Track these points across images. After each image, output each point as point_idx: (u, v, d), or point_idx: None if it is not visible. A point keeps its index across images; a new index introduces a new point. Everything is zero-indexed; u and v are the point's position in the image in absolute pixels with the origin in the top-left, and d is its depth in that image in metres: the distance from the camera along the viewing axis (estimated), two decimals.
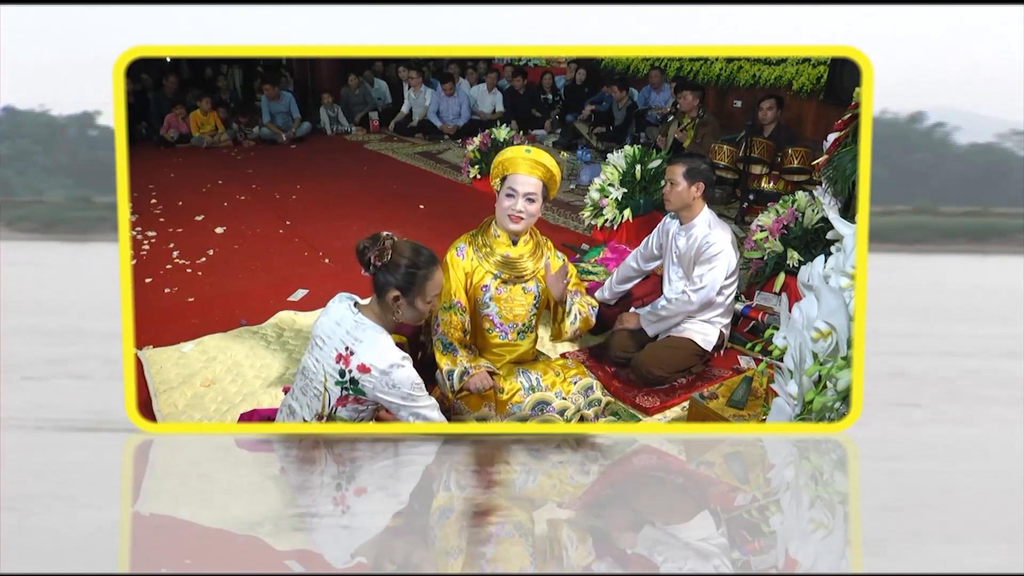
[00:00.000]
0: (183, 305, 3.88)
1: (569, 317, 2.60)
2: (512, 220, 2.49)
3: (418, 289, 2.11)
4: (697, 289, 2.97)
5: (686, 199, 3.02)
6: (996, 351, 3.31)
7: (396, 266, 2.09)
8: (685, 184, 2.99)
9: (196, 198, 5.89)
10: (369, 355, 2.06)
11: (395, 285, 2.09)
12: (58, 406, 2.50)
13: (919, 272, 5.62)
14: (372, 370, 2.05)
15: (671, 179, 3.02)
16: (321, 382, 2.11)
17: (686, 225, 3.08)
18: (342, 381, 2.08)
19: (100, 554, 1.48)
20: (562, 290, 2.55)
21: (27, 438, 2.19)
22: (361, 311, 2.13)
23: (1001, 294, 4.64)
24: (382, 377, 2.05)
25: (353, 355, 2.06)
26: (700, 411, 2.69)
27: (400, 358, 2.08)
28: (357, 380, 2.06)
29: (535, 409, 2.59)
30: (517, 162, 2.47)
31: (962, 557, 1.49)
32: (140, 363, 3.22)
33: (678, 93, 5.94)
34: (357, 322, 2.10)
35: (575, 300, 2.61)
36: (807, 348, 1.96)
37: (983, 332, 3.64)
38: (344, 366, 2.07)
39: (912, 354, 3.19)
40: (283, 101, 8.12)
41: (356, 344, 2.07)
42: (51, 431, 2.25)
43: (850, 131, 3.11)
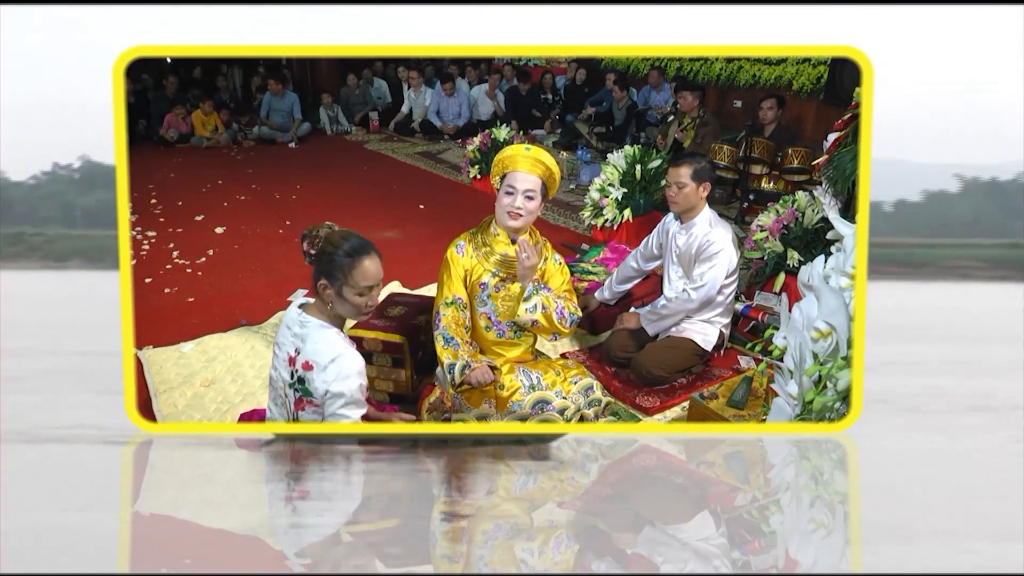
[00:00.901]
0: (183, 305, 3.88)
1: (527, 303, 2.53)
2: (511, 217, 2.49)
3: (344, 278, 2.03)
4: (698, 287, 2.96)
5: (694, 200, 3.00)
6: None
7: (324, 254, 2.04)
8: (693, 185, 2.97)
9: (196, 198, 5.89)
10: (311, 351, 2.00)
11: (321, 272, 2.04)
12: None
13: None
14: (315, 367, 1.99)
15: (677, 181, 2.99)
16: (282, 388, 2.08)
17: (686, 224, 3.07)
18: (293, 383, 2.04)
19: (100, 554, 1.48)
20: (526, 279, 2.53)
21: (27, 437, 2.19)
22: (306, 310, 2.08)
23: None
24: (324, 372, 1.99)
25: (299, 355, 2.02)
26: (700, 411, 2.69)
27: (343, 348, 2.01)
28: (304, 379, 2.01)
29: (535, 408, 2.59)
30: (517, 160, 2.47)
31: (962, 557, 1.49)
32: (140, 363, 3.22)
33: (678, 93, 5.94)
34: (302, 321, 2.05)
35: (542, 293, 2.55)
36: (807, 348, 1.96)
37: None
38: (293, 368, 2.03)
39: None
40: (287, 100, 8.12)
41: (301, 343, 2.02)
42: (51, 430, 2.25)
43: (850, 131, 3.11)
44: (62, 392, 2.83)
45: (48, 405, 2.66)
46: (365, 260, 2.06)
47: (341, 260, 2.03)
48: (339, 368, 1.98)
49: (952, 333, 4.33)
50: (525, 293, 2.54)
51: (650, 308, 3.09)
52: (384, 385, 2.90)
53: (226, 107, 8.24)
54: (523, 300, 2.55)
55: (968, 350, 3.88)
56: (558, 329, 2.61)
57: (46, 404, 2.67)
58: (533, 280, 2.54)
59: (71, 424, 2.39)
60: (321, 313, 2.07)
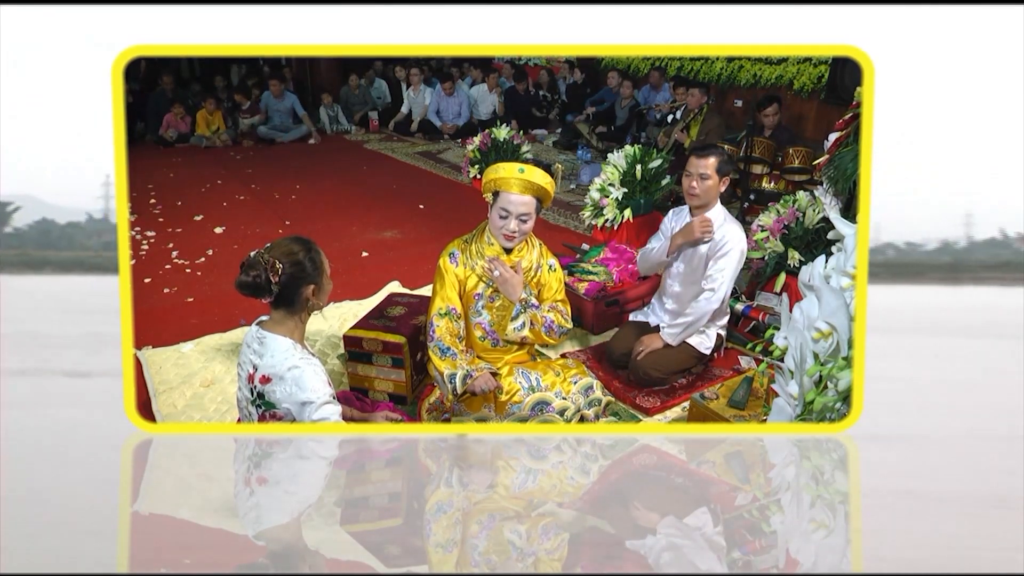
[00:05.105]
0: (182, 305, 3.88)
1: (515, 322, 2.55)
2: (506, 239, 2.49)
3: (318, 271, 2.04)
4: (716, 286, 2.90)
5: (714, 194, 2.91)
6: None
7: (294, 266, 2.01)
8: (716, 178, 2.88)
9: (195, 198, 5.89)
10: (268, 364, 2.00)
11: (300, 282, 2.02)
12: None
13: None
14: (273, 378, 1.99)
15: (701, 172, 2.88)
16: (245, 407, 2.07)
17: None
18: (253, 399, 2.03)
19: (100, 554, 1.48)
20: (512, 296, 2.53)
21: (27, 437, 2.19)
22: (264, 326, 2.06)
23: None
24: (283, 383, 1.98)
25: (256, 370, 2.01)
26: (701, 411, 2.68)
27: (298, 359, 1.99)
28: (263, 393, 2.00)
29: (535, 409, 2.58)
30: (510, 183, 2.43)
31: (962, 557, 1.48)
32: (139, 363, 3.22)
33: (677, 90, 5.94)
34: (260, 338, 2.03)
35: (530, 311, 2.55)
36: (808, 348, 1.95)
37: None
38: (252, 384, 2.02)
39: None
40: (286, 101, 8.11)
41: (259, 359, 2.01)
42: (52, 430, 2.25)
43: (851, 131, 3.11)
44: (62, 392, 2.83)
45: (48, 405, 2.65)
46: (314, 245, 2.08)
47: (309, 260, 2.03)
48: (297, 376, 1.97)
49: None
50: (513, 312, 2.55)
51: (669, 321, 3.02)
52: (384, 385, 2.90)
53: (220, 104, 8.25)
54: (511, 319, 2.55)
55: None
56: (546, 341, 2.64)
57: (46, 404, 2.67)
58: (522, 297, 2.54)
59: (71, 424, 2.38)
60: (282, 327, 2.05)
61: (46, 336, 3.37)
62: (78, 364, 2.96)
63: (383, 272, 4.19)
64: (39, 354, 3.10)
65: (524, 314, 2.55)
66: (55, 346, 3.21)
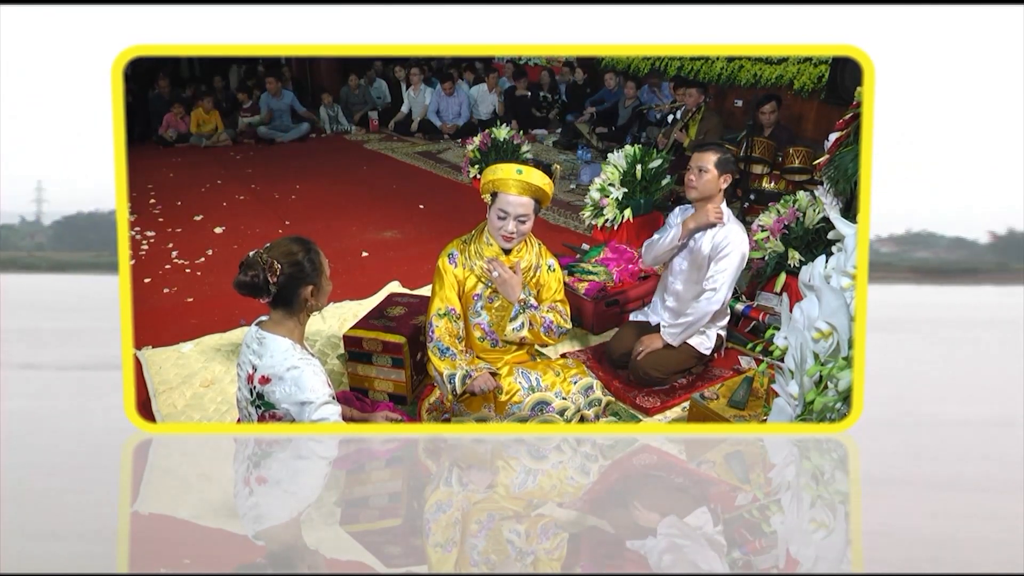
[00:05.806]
0: (182, 305, 3.88)
1: (514, 323, 2.56)
2: (504, 239, 2.49)
3: (318, 272, 2.04)
4: (718, 287, 2.90)
5: (712, 189, 2.90)
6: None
7: (294, 265, 2.00)
8: (715, 173, 2.87)
9: (195, 198, 5.89)
10: (267, 365, 2.00)
11: (299, 283, 2.01)
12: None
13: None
14: (272, 378, 1.99)
15: (700, 165, 2.88)
16: (245, 408, 2.07)
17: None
18: (253, 400, 2.03)
19: (100, 554, 1.48)
20: (510, 297, 2.53)
21: (27, 436, 2.19)
22: (263, 327, 2.06)
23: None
24: (283, 383, 1.98)
25: (256, 371, 2.01)
26: (701, 411, 2.68)
27: (298, 359, 1.99)
28: (263, 394, 2.00)
29: (535, 409, 2.58)
30: (508, 184, 2.43)
31: (962, 557, 1.48)
32: (139, 363, 3.22)
33: (677, 91, 5.94)
34: (259, 338, 2.03)
35: (528, 312, 2.56)
36: (808, 348, 1.95)
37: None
38: (251, 385, 2.02)
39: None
40: (284, 99, 8.11)
41: (258, 359, 2.01)
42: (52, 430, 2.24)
43: (852, 131, 3.11)
44: (62, 392, 2.83)
45: (48, 404, 2.65)
46: (313, 245, 2.07)
47: (308, 260, 2.02)
48: (296, 377, 1.97)
49: None
50: (512, 312, 2.55)
51: (670, 321, 3.02)
52: (384, 385, 2.90)
53: (218, 104, 8.25)
54: (510, 320, 2.56)
55: None
56: (545, 342, 2.64)
57: (46, 403, 2.67)
58: (521, 298, 2.54)
59: (71, 424, 2.38)
60: (281, 327, 2.04)
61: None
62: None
63: (383, 272, 4.19)
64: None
65: (523, 314, 2.55)
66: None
